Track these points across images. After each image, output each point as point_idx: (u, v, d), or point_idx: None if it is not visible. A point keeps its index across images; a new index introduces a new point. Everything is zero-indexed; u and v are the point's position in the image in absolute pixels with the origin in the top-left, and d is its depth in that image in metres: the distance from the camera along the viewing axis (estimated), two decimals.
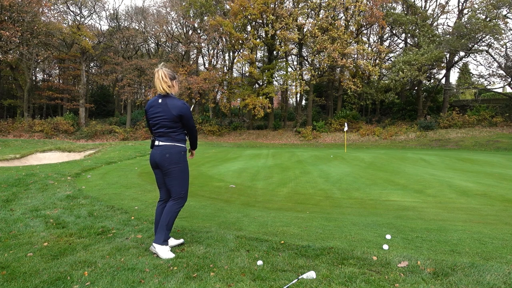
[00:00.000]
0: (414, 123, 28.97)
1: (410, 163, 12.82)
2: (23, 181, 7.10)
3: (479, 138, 24.03)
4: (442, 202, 6.25)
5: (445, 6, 31.18)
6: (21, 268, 2.67)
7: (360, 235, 3.61)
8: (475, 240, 3.45)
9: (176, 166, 3.06)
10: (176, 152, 3.05)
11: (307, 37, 27.78)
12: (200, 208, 5.25)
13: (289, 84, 31.62)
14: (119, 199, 5.67)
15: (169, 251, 2.94)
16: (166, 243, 2.97)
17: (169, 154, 3.03)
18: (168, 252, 2.92)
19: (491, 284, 2.33)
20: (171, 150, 3.03)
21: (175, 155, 3.05)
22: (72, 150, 17.45)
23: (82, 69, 32.68)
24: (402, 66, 25.65)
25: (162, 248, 2.92)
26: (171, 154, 3.03)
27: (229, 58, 36.14)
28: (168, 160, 3.03)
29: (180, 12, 31.89)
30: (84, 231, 3.68)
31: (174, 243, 3.20)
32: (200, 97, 31.56)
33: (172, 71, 3.06)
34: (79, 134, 29.31)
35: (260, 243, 3.22)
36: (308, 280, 2.41)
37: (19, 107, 33.93)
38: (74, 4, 32.27)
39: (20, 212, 4.60)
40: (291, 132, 30.79)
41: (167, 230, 3.01)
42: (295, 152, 17.62)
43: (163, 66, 3.03)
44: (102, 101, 41.23)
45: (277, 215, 4.82)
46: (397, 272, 2.54)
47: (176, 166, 3.06)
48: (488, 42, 26.13)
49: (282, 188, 7.58)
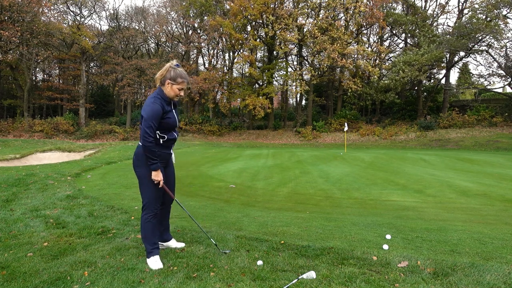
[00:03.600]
0: (414, 123, 28.97)
1: (410, 163, 12.81)
2: (23, 181, 7.10)
3: (479, 138, 24.03)
4: (442, 202, 6.25)
5: (445, 6, 31.20)
6: (21, 268, 2.67)
7: (360, 235, 3.61)
8: (475, 240, 3.45)
9: (137, 169, 2.78)
10: (139, 153, 2.75)
11: (307, 37, 27.78)
12: (200, 208, 5.25)
13: (289, 84, 31.63)
14: (119, 199, 5.66)
15: (156, 262, 2.73)
16: (151, 254, 2.77)
17: (135, 155, 2.81)
18: (155, 263, 2.71)
19: (491, 284, 2.33)
20: (137, 150, 2.79)
21: (139, 156, 2.76)
22: (72, 150, 17.45)
23: (82, 69, 32.68)
24: (402, 66, 25.66)
25: (148, 261, 2.75)
26: (136, 155, 2.79)
27: (229, 58, 36.17)
28: (134, 161, 2.82)
29: (180, 12, 31.90)
30: (84, 231, 3.68)
31: (174, 245, 3.12)
32: (200, 97, 31.55)
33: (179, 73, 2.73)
34: (79, 134, 29.30)
35: (260, 243, 3.22)
36: (308, 280, 2.41)
37: (19, 107, 33.93)
38: (74, 4, 32.26)
39: (20, 212, 4.60)
40: (291, 132, 30.79)
41: (146, 243, 2.80)
42: (295, 152, 17.61)
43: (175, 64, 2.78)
44: (102, 101, 41.22)
45: (277, 215, 4.81)
46: (397, 272, 2.54)
47: (137, 169, 2.79)
48: (488, 42, 26.13)
49: (282, 188, 7.57)
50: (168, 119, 2.72)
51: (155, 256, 2.78)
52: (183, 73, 2.75)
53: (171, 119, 2.75)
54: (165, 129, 2.75)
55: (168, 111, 2.73)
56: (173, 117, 2.77)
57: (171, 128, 2.79)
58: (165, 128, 2.74)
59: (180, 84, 2.73)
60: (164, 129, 2.74)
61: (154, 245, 2.80)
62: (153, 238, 2.82)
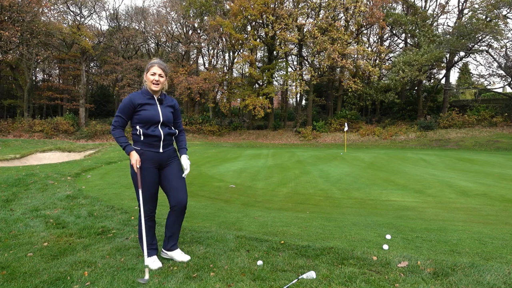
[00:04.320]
0: (414, 123, 28.98)
1: (410, 163, 12.81)
2: (23, 181, 7.10)
3: (479, 138, 24.04)
4: (442, 202, 6.25)
5: (445, 6, 31.21)
6: (21, 268, 2.67)
7: (360, 235, 3.61)
8: (475, 240, 3.45)
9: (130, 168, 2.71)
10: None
11: (307, 37, 27.79)
12: (200, 208, 5.25)
13: (289, 84, 31.63)
14: (119, 199, 5.66)
15: (154, 262, 2.68)
16: (148, 255, 2.67)
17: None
18: (153, 263, 2.66)
19: (491, 284, 2.33)
20: None
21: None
22: (72, 150, 17.45)
23: (82, 69, 32.67)
24: (402, 66, 25.66)
25: (146, 262, 2.61)
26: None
27: (229, 58, 36.18)
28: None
29: (180, 12, 31.90)
30: (84, 231, 3.68)
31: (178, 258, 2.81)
32: (200, 97, 31.55)
33: (150, 61, 2.73)
34: (79, 134, 29.29)
35: (260, 243, 3.22)
36: (308, 280, 2.41)
37: (19, 107, 33.92)
38: (74, 4, 32.26)
39: (20, 212, 4.60)
40: (291, 132, 30.79)
41: (141, 245, 2.71)
42: (295, 152, 17.61)
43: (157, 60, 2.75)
44: (102, 101, 41.23)
45: (277, 215, 4.81)
46: (397, 272, 2.54)
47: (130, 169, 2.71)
48: (488, 42, 26.14)
49: (282, 188, 7.57)
50: (143, 111, 2.62)
51: (151, 256, 2.71)
52: (153, 60, 2.70)
53: (148, 111, 2.62)
54: (143, 122, 2.63)
55: (144, 103, 2.63)
56: (152, 110, 2.64)
57: (150, 123, 2.64)
58: (143, 122, 2.63)
59: (149, 69, 2.66)
60: (141, 122, 2.63)
61: (150, 246, 2.71)
62: (148, 239, 2.71)
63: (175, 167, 2.82)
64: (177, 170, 2.81)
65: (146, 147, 2.65)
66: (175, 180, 2.77)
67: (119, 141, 2.61)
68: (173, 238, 2.82)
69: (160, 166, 2.75)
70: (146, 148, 2.65)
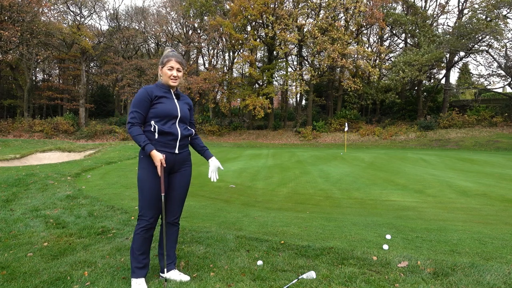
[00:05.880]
0: (414, 123, 28.98)
1: (410, 163, 12.81)
2: (23, 181, 7.10)
3: (479, 138, 24.04)
4: (442, 202, 6.25)
5: (445, 6, 31.21)
6: (21, 268, 2.67)
7: (360, 235, 3.61)
8: (475, 240, 3.45)
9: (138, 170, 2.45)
10: (139, 154, 2.45)
11: (307, 37, 27.79)
12: (200, 208, 5.25)
13: (289, 84, 31.62)
14: (119, 199, 5.66)
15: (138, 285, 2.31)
16: (134, 275, 2.34)
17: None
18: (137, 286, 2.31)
19: (491, 284, 2.33)
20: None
21: (138, 157, 2.45)
22: (72, 150, 17.45)
23: (82, 69, 32.67)
24: (402, 66, 25.67)
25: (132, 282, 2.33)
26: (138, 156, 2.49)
27: (229, 58, 36.18)
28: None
29: (180, 12, 31.91)
30: (84, 231, 3.68)
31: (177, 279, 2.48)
32: (200, 97, 31.55)
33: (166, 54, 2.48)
34: (79, 134, 29.29)
35: (260, 243, 3.22)
36: (308, 280, 2.41)
37: (19, 107, 33.92)
38: (74, 4, 32.27)
39: (20, 212, 4.60)
40: (291, 132, 30.79)
41: (131, 258, 2.36)
42: (295, 152, 17.61)
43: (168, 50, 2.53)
44: (102, 101, 41.22)
45: (277, 215, 4.81)
46: (397, 272, 2.54)
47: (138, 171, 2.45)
48: (488, 42, 26.14)
49: (282, 188, 7.57)
50: (160, 105, 2.37)
51: (138, 278, 2.33)
52: (169, 53, 2.46)
53: (165, 104, 2.38)
54: (160, 116, 2.36)
55: (160, 96, 2.40)
56: (169, 104, 2.40)
57: (168, 117, 2.38)
58: (159, 116, 2.36)
59: (166, 64, 2.42)
60: (158, 116, 2.36)
61: (139, 264, 2.34)
62: (141, 255, 2.35)
63: (186, 176, 2.54)
64: (186, 180, 2.55)
65: (160, 147, 2.37)
66: (180, 189, 2.52)
67: (137, 140, 2.31)
68: (170, 257, 2.53)
69: (171, 170, 2.46)
70: (160, 148, 2.36)
